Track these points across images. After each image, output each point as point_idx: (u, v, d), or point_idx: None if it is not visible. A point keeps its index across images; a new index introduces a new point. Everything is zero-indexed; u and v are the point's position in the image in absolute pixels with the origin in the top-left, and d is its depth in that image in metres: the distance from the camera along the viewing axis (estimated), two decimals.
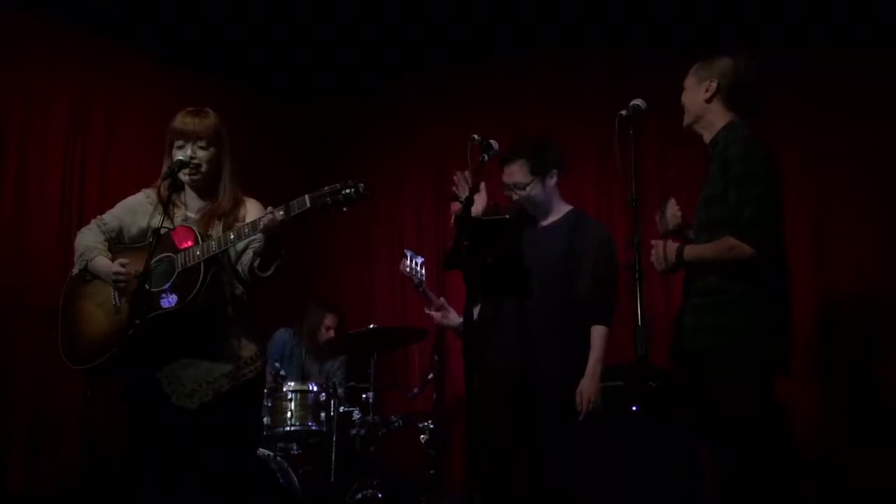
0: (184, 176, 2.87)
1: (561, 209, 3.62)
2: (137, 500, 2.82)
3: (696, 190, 3.28)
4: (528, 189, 3.52)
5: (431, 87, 5.91)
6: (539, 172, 3.52)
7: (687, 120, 3.10)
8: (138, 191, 3.08)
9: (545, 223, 3.60)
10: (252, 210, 2.94)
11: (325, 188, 2.65)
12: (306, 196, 2.65)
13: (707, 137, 3.06)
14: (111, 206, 3.10)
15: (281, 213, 2.65)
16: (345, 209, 2.66)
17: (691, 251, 2.92)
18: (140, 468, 2.81)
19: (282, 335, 5.15)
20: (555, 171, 3.58)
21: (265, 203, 2.90)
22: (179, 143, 2.90)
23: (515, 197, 3.56)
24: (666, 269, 2.98)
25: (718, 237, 2.88)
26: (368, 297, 5.92)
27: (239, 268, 2.88)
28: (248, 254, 2.86)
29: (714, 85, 3.01)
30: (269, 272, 2.79)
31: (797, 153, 4.48)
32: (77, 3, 4.94)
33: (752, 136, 2.95)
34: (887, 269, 4.33)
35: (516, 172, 3.53)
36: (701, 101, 3.03)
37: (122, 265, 2.78)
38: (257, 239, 2.78)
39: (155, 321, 2.70)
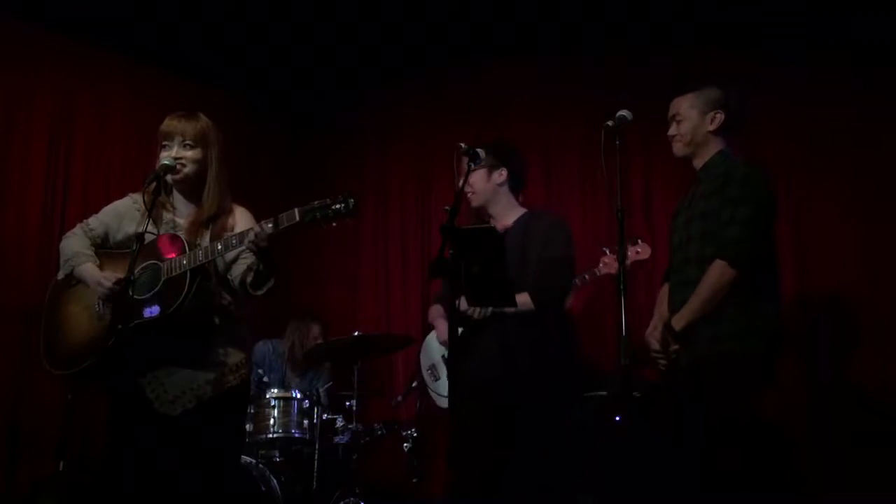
0: (169, 177, 2.85)
1: (515, 213, 3.63)
2: None
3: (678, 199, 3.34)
4: (472, 174, 3.43)
5: (416, 95, 5.92)
6: (489, 164, 3.51)
7: (685, 151, 3.18)
8: (123, 194, 3.06)
9: (504, 228, 3.58)
10: (241, 219, 2.92)
11: (315, 202, 2.64)
12: (296, 210, 2.64)
13: (699, 163, 3.18)
14: (94, 208, 3.09)
15: (270, 225, 2.64)
16: (334, 224, 2.65)
17: (680, 319, 2.97)
18: (120, 476, 2.78)
19: (261, 348, 5.09)
20: (504, 169, 3.59)
21: (252, 212, 2.88)
22: (165, 142, 2.88)
23: (465, 187, 3.45)
24: (674, 347, 3.01)
25: (707, 252, 2.97)
26: (353, 304, 5.90)
27: (229, 277, 2.87)
28: (239, 265, 2.85)
29: (721, 116, 3.12)
30: (262, 291, 2.79)
31: (778, 155, 4.52)
32: (59, 7, 4.91)
33: (749, 161, 3.10)
34: (866, 271, 4.38)
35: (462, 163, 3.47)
36: (705, 132, 3.14)
37: (115, 279, 2.76)
38: (246, 251, 2.76)
39: (138, 329, 2.69)
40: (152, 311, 2.70)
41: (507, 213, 3.62)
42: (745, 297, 2.91)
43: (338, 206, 2.61)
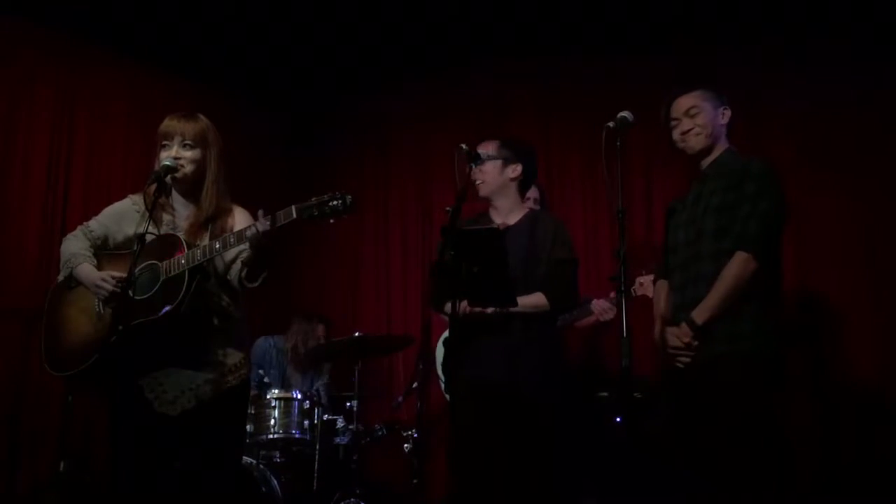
0: (168, 178, 2.85)
1: (519, 211, 3.64)
2: None
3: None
4: (487, 163, 3.51)
5: (416, 95, 5.92)
6: (505, 157, 3.56)
7: (706, 142, 3.17)
8: (123, 195, 3.06)
9: (506, 225, 3.59)
10: (241, 220, 2.91)
11: (313, 199, 2.64)
12: (293, 207, 2.64)
13: (708, 159, 3.18)
14: (95, 209, 3.08)
15: (267, 223, 2.64)
16: (331, 221, 2.65)
17: (703, 313, 2.95)
18: (120, 476, 2.78)
19: (262, 344, 5.09)
20: (518, 166, 3.60)
21: (252, 210, 2.88)
22: (165, 142, 2.88)
23: (483, 170, 3.53)
24: (694, 343, 3.00)
25: (724, 245, 2.97)
26: (353, 304, 5.90)
27: (229, 277, 2.87)
28: (238, 264, 2.84)
29: (728, 112, 3.18)
30: (256, 283, 2.78)
31: (778, 155, 4.53)
32: (59, 7, 4.91)
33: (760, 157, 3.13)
34: (866, 271, 4.38)
35: (490, 146, 3.57)
36: (720, 125, 3.18)
37: (112, 277, 2.76)
38: (246, 249, 2.76)
39: (138, 329, 2.68)
40: (153, 310, 2.70)
41: (513, 210, 3.62)
42: (761, 293, 2.92)
43: (335, 202, 2.61)
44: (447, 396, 4.03)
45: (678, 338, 3.00)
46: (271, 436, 4.42)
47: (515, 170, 3.60)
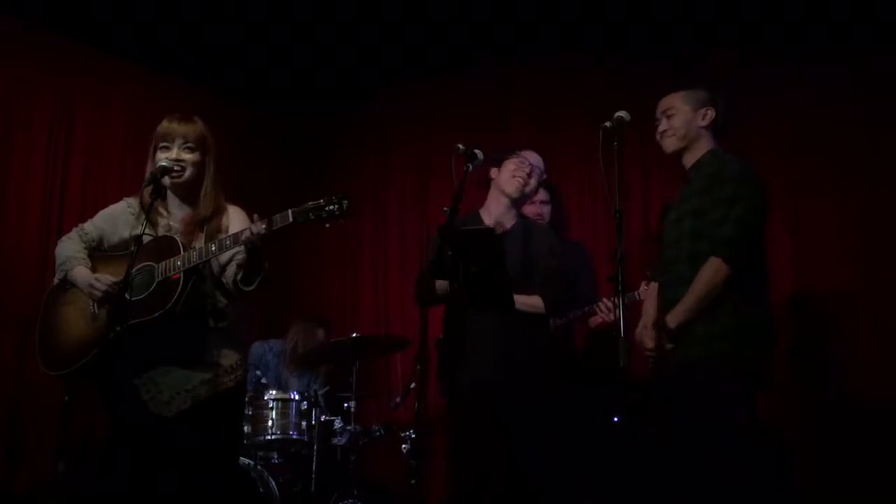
0: (167, 179, 2.85)
1: (513, 217, 3.69)
2: None
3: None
4: (538, 176, 3.70)
5: (416, 95, 5.92)
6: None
7: (678, 144, 3.18)
8: (121, 197, 3.06)
9: (503, 228, 3.62)
10: (236, 219, 2.92)
11: (309, 203, 2.64)
12: (289, 211, 2.64)
13: (690, 160, 3.18)
14: (92, 212, 3.09)
15: (263, 226, 2.64)
16: (327, 225, 2.65)
17: (675, 317, 2.96)
18: (117, 477, 2.78)
19: (258, 348, 5.08)
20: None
21: (249, 212, 2.88)
22: (164, 144, 2.88)
23: (530, 177, 3.65)
24: (668, 346, 3.00)
25: (700, 248, 2.96)
26: (352, 305, 5.90)
27: (223, 280, 2.87)
28: (233, 266, 2.85)
29: (712, 113, 3.15)
30: (252, 286, 2.78)
31: (773, 155, 4.52)
32: (59, 8, 4.91)
33: (741, 158, 3.10)
34: (864, 272, 4.37)
35: (537, 159, 3.71)
36: (697, 127, 3.15)
37: (106, 280, 2.76)
38: (241, 251, 2.76)
39: (133, 329, 2.68)
40: (148, 311, 2.69)
41: (507, 215, 3.65)
42: (737, 297, 2.91)
43: (331, 207, 2.61)
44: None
45: (650, 339, 3.02)
46: (269, 437, 4.42)
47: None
